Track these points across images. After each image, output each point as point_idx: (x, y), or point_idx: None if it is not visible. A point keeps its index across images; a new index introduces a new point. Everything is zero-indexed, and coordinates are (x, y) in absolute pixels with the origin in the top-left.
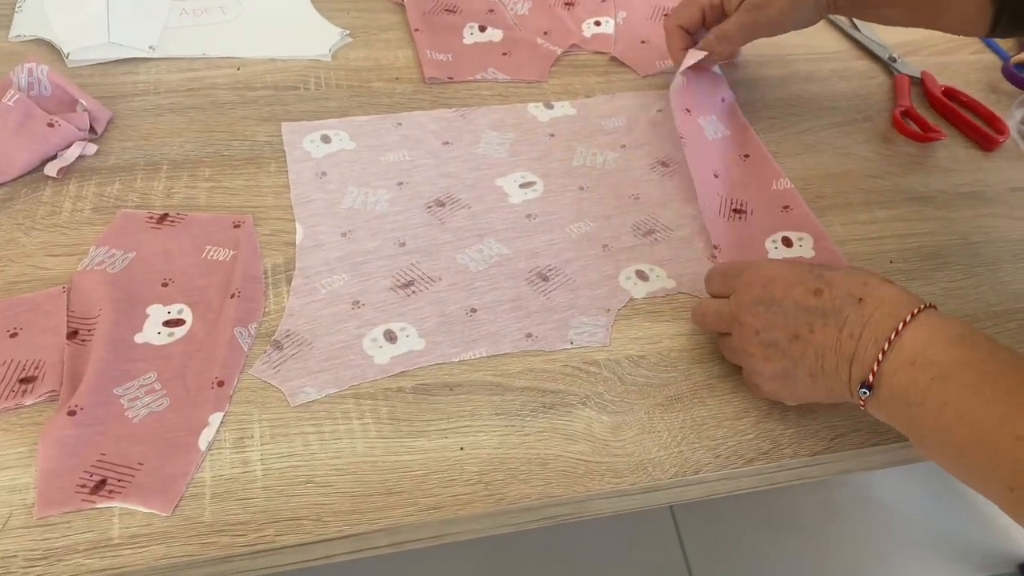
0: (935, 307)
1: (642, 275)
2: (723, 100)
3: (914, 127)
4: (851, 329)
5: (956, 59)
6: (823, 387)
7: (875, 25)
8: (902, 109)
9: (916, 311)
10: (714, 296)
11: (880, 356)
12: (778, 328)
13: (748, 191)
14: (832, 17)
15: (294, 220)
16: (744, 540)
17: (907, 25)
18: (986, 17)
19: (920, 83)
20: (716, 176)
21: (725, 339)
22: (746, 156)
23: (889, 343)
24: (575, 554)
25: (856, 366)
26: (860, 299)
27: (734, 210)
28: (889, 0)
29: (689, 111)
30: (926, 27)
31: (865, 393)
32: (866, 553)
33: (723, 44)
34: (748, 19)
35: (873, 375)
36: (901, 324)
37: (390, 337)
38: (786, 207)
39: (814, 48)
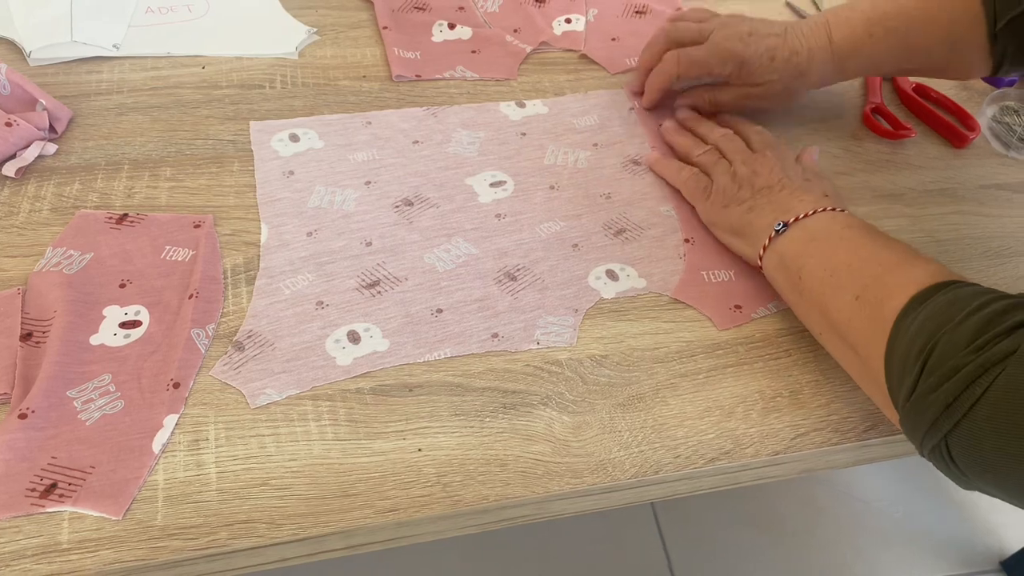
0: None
1: (612, 275)
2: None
3: (884, 124)
4: (804, 197)
5: None
6: (746, 220)
7: None
8: (873, 106)
9: (845, 210)
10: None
11: (811, 211)
12: (767, 178)
13: None
14: (803, 10)
15: (257, 219)
16: (725, 537)
17: (906, 76)
18: (985, 68)
19: (891, 80)
20: None
21: (733, 141)
22: None
23: (824, 209)
24: (556, 552)
25: (787, 213)
26: (826, 195)
27: None
28: (892, 73)
29: (663, 126)
30: (927, 77)
31: (780, 226)
32: (849, 551)
33: (710, 109)
34: (742, 103)
35: (796, 219)
36: (840, 209)
37: (353, 338)
38: None
39: None
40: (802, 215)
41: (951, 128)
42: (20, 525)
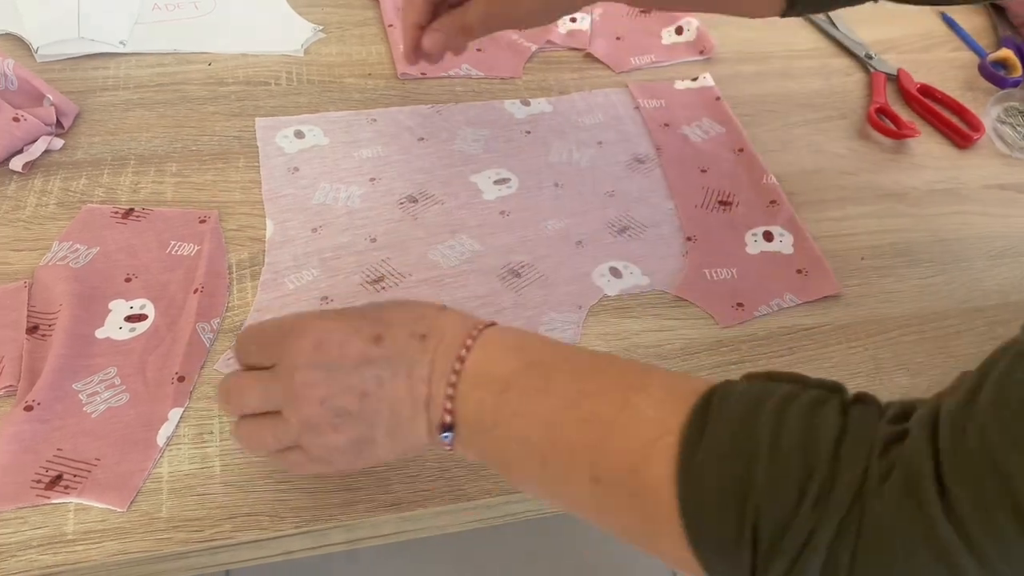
0: (495, 323)
1: (616, 272)
2: (717, 99)
3: (889, 124)
4: (420, 371)
5: (933, 57)
6: (403, 443)
7: (852, 23)
8: (877, 106)
9: (475, 334)
10: (249, 368)
11: (450, 391)
12: (344, 391)
13: (738, 184)
14: (808, 15)
15: (262, 215)
16: None
17: (697, 11)
18: (779, 1)
19: (896, 80)
20: (704, 171)
21: (268, 421)
22: (740, 150)
23: (456, 374)
24: (560, 551)
25: (432, 409)
26: (423, 335)
27: (720, 202)
28: None
29: (668, 125)
30: (714, 11)
31: (447, 437)
32: None
33: (463, 38)
34: (492, 11)
35: (449, 413)
36: (463, 350)
37: None
38: (772, 202)
39: (791, 45)
40: (448, 407)
41: (955, 128)
42: (26, 516)
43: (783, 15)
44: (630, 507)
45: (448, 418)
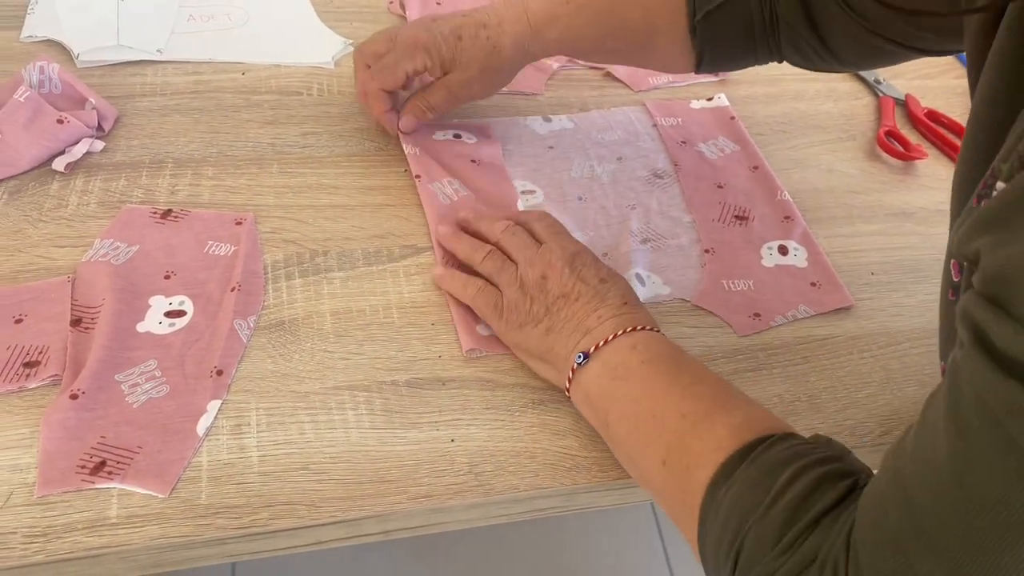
0: None
1: (640, 279)
2: (732, 118)
3: (898, 146)
4: (602, 312)
5: (939, 83)
6: (546, 345)
7: None
8: (886, 129)
9: (656, 327)
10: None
11: (611, 336)
12: (560, 284)
13: (753, 199)
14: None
15: (296, 219)
16: None
17: (618, 64)
18: (689, 60)
19: (904, 105)
20: (720, 187)
21: (493, 257)
22: (755, 168)
23: (625, 332)
24: (557, 551)
25: (587, 338)
26: (626, 303)
27: (736, 216)
28: (596, 50)
29: (685, 142)
30: (637, 66)
31: (580, 358)
32: None
33: (431, 113)
34: (452, 96)
35: (596, 348)
36: (641, 327)
37: None
38: (787, 217)
39: (802, 69)
40: (602, 342)
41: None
42: (71, 500)
43: (696, 72)
44: (678, 497)
45: (593, 349)
